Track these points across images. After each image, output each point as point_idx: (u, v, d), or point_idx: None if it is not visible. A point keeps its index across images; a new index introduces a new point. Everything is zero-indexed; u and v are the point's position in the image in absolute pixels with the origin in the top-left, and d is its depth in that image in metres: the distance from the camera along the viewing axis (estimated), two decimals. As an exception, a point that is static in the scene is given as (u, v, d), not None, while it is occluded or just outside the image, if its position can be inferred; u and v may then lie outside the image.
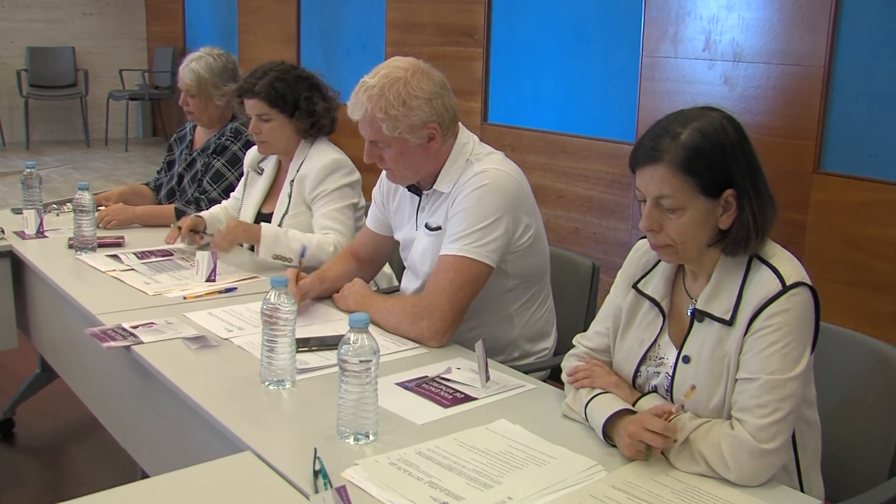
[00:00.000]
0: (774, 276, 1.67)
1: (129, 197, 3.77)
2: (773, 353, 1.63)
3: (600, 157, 5.17)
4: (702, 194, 1.66)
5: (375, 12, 6.87)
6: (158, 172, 3.95)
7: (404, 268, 2.66)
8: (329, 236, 2.89)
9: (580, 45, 5.29)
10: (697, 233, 1.69)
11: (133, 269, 2.89)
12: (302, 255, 2.70)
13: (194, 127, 3.83)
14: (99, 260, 3.00)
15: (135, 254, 3.08)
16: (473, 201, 2.30)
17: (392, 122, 2.29)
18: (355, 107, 2.33)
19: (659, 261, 1.87)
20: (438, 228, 2.41)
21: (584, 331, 2.04)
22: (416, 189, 2.49)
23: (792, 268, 1.68)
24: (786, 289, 1.64)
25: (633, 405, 1.78)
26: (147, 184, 3.94)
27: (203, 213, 3.27)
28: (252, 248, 3.02)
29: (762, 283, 1.67)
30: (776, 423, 1.61)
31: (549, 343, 2.58)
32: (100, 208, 3.55)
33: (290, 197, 3.09)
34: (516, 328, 2.49)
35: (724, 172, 1.66)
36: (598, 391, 1.83)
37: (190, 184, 3.64)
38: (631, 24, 4.92)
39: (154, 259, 3.03)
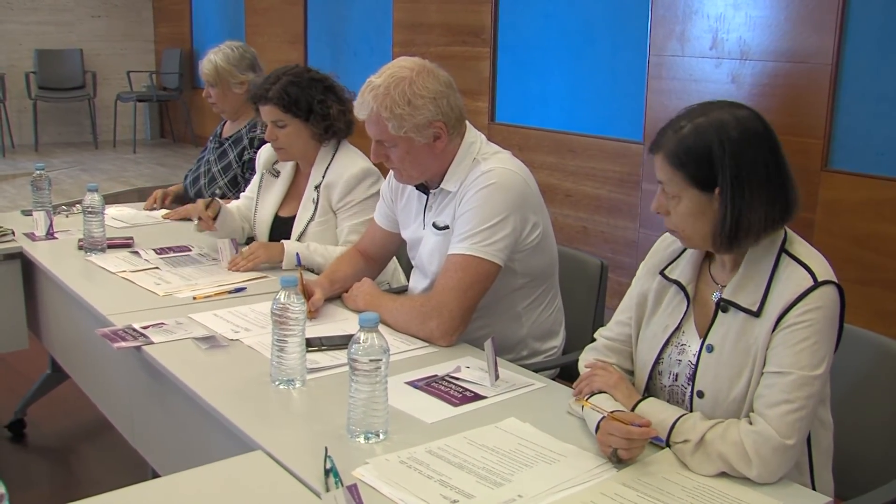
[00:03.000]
0: (805, 271, 1.69)
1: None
2: (803, 349, 1.65)
3: (608, 157, 5.17)
4: (693, 186, 1.72)
5: (382, 13, 6.88)
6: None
7: (412, 267, 2.67)
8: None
9: (587, 45, 5.29)
10: (695, 223, 1.74)
11: (143, 270, 2.91)
12: (298, 263, 2.77)
13: (225, 122, 3.89)
14: (109, 261, 3.01)
15: (154, 250, 3.13)
16: (481, 200, 2.30)
17: (397, 121, 2.29)
18: (361, 106, 2.34)
19: (685, 249, 1.90)
20: (446, 228, 2.42)
21: (593, 330, 2.05)
22: (423, 188, 2.50)
23: (822, 266, 1.71)
24: (817, 284, 1.67)
25: (633, 408, 1.78)
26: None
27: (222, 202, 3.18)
28: None
29: (793, 278, 1.69)
30: (801, 419, 1.63)
31: (558, 342, 2.58)
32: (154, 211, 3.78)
33: (314, 203, 3.03)
34: (525, 327, 2.50)
35: (710, 170, 1.70)
36: (595, 393, 1.85)
37: (221, 173, 3.68)
38: (638, 24, 4.92)
39: (172, 254, 3.08)
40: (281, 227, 3.14)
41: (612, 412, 1.72)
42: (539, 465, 1.66)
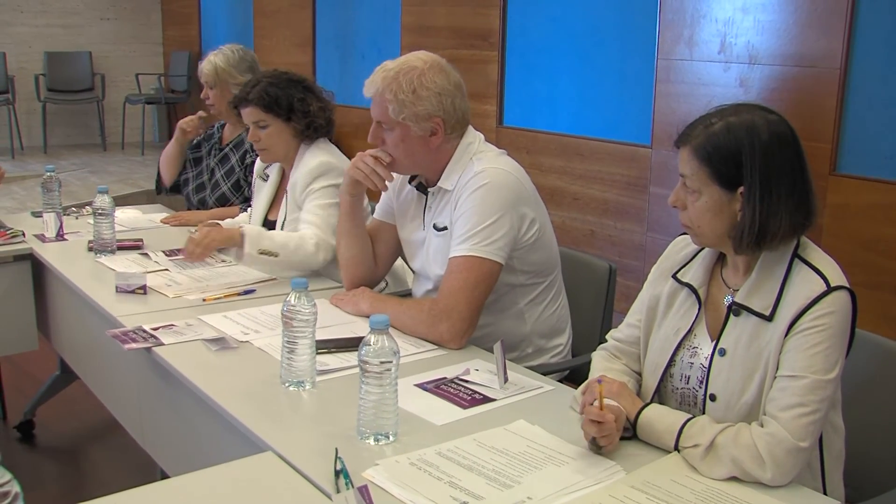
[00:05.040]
0: (818, 276, 1.70)
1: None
2: (817, 352, 1.66)
3: (616, 160, 5.17)
4: (716, 183, 1.73)
5: (390, 16, 6.89)
6: (182, 172, 3.99)
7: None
8: (308, 231, 2.88)
9: (595, 48, 5.29)
10: (712, 220, 1.76)
11: (153, 272, 2.92)
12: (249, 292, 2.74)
13: (222, 126, 3.90)
14: (119, 262, 3.03)
15: (163, 252, 3.16)
16: (476, 201, 2.32)
17: (398, 106, 2.33)
18: (369, 85, 2.39)
19: (697, 253, 1.91)
20: (445, 229, 2.43)
21: (602, 333, 2.06)
22: (422, 187, 2.52)
23: (835, 271, 1.72)
24: (830, 289, 1.68)
25: (638, 414, 1.78)
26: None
27: (221, 223, 3.26)
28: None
29: (806, 283, 1.71)
30: (814, 422, 1.64)
31: (564, 339, 2.58)
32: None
33: (286, 203, 3.09)
34: (528, 324, 2.50)
35: (737, 170, 1.71)
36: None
37: (224, 178, 3.69)
38: (646, 27, 4.92)
39: (181, 256, 3.06)
40: (270, 230, 3.16)
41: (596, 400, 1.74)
42: (548, 468, 1.66)
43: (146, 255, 3.12)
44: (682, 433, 1.70)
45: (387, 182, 2.46)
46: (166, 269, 2.97)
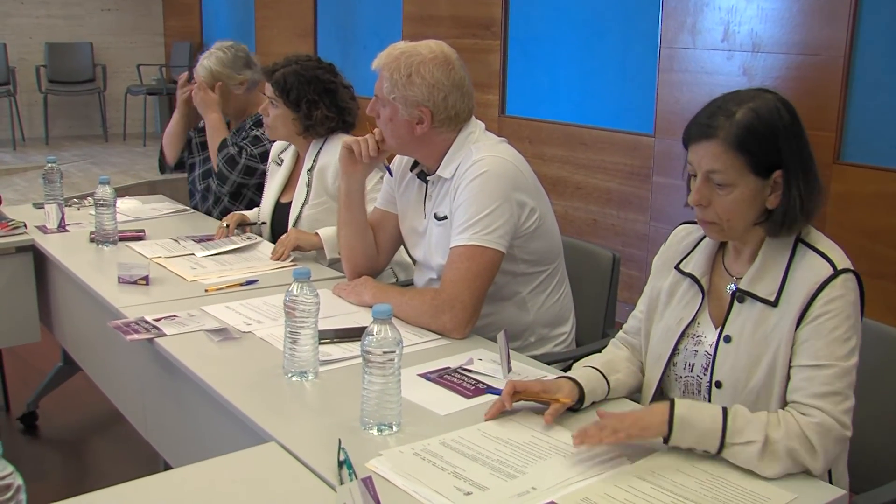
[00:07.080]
0: (824, 260, 1.69)
1: None
2: (835, 339, 1.65)
3: (619, 149, 5.15)
4: (752, 173, 1.70)
5: (392, 5, 6.87)
6: (189, 155, 3.99)
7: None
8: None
9: (598, 37, 5.28)
10: (745, 210, 1.72)
11: (180, 256, 3.00)
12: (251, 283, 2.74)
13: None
14: (147, 247, 3.10)
15: (191, 238, 3.20)
16: (475, 190, 2.32)
17: (391, 85, 2.37)
18: (377, 58, 2.44)
19: (699, 242, 1.89)
20: (445, 218, 2.43)
21: (605, 322, 2.05)
22: (423, 175, 2.52)
23: (839, 254, 1.71)
24: (837, 273, 1.67)
25: (672, 413, 1.75)
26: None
27: (247, 213, 3.36)
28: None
29: (812, 268, 1.69)
30: (850, 409, 1.64)
31: (567, 328, 2.57)
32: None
33: (308, 186, 3.13)
34: (531, 313, 2.49)
35: (775, 153, 1.69)
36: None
37: (227, 198, 3.68)
38: (649, 16, 4.90)
39: (210, 242, 3.16)
40: (281, 213, 3.24)
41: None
42: (553, 457, 1.66)
43: (175, 240, 3.18)
44: (727, 428, 1.61)
45: (371, 153, 2.48)
46: (193, 254, 3.02)
